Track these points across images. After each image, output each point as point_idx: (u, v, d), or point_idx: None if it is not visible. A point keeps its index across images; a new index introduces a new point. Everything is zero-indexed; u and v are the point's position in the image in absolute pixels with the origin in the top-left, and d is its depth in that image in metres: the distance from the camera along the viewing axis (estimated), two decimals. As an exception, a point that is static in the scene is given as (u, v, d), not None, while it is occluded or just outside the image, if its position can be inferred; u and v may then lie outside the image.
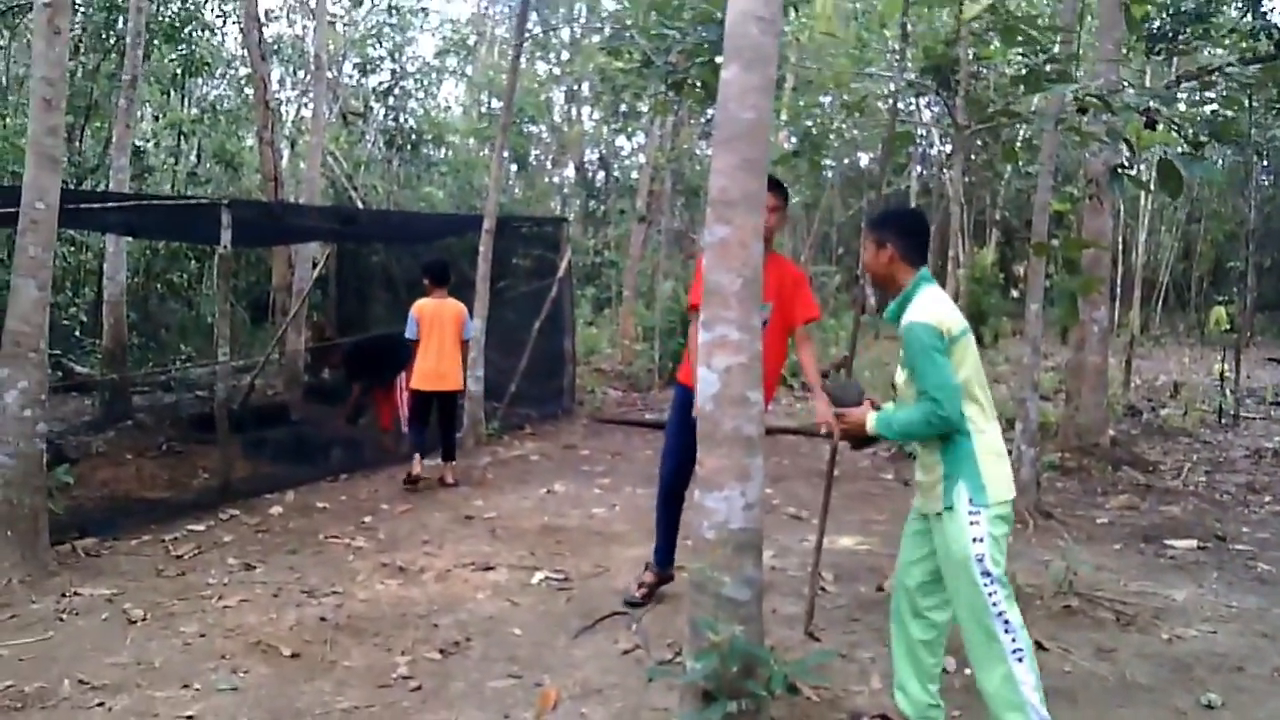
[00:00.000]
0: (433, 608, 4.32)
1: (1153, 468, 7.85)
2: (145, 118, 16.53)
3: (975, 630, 2.70)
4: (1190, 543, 5.62)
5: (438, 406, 6.91)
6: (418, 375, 6.79)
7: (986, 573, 2.67)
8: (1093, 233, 7.68)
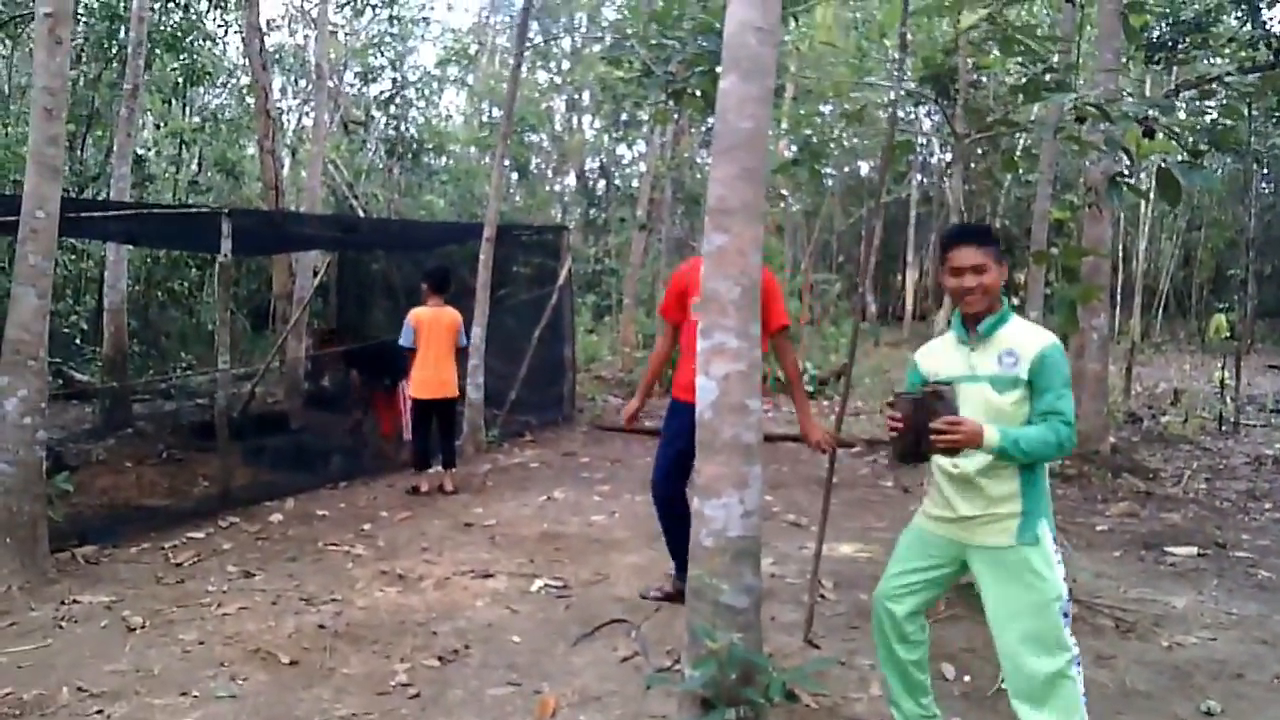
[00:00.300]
0: (431, 615, 4.32)
1: (1153, 475, 7.84)
2: (147, 126, 16.58)
3: (1036, 664, 2.52)
4: (1190, 550, 5.62)
5: (436, 414, 6.93)
6: (417, 384, 6.80)
7: (1065, 613, 2.58)
8: (1092, 241, 7.70)
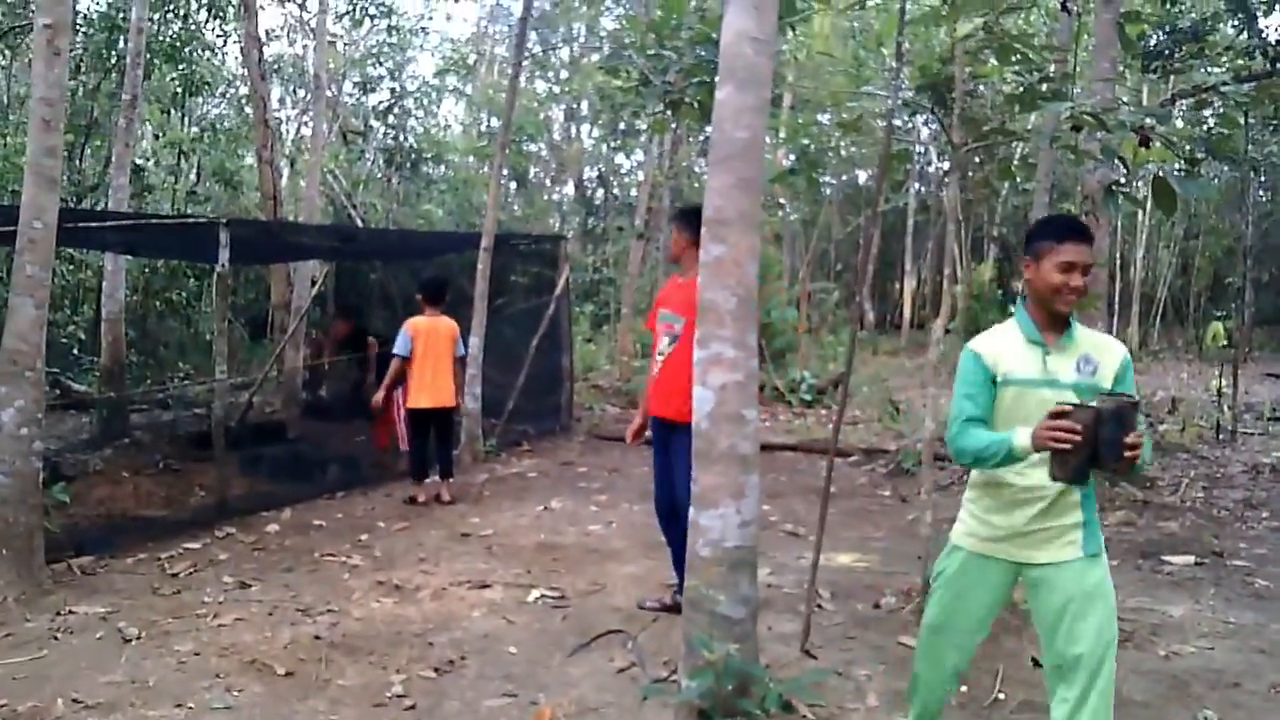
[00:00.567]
0: (428, 626, 4.31)
1: (1150, 483, 7.83)
2: (145, 136, 16.59)
3: (1103, 665, 2.56)
4: (1188, 559, 5.61)
5: (434, 424, 6.92)
6: (414, 394, 6.80)
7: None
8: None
